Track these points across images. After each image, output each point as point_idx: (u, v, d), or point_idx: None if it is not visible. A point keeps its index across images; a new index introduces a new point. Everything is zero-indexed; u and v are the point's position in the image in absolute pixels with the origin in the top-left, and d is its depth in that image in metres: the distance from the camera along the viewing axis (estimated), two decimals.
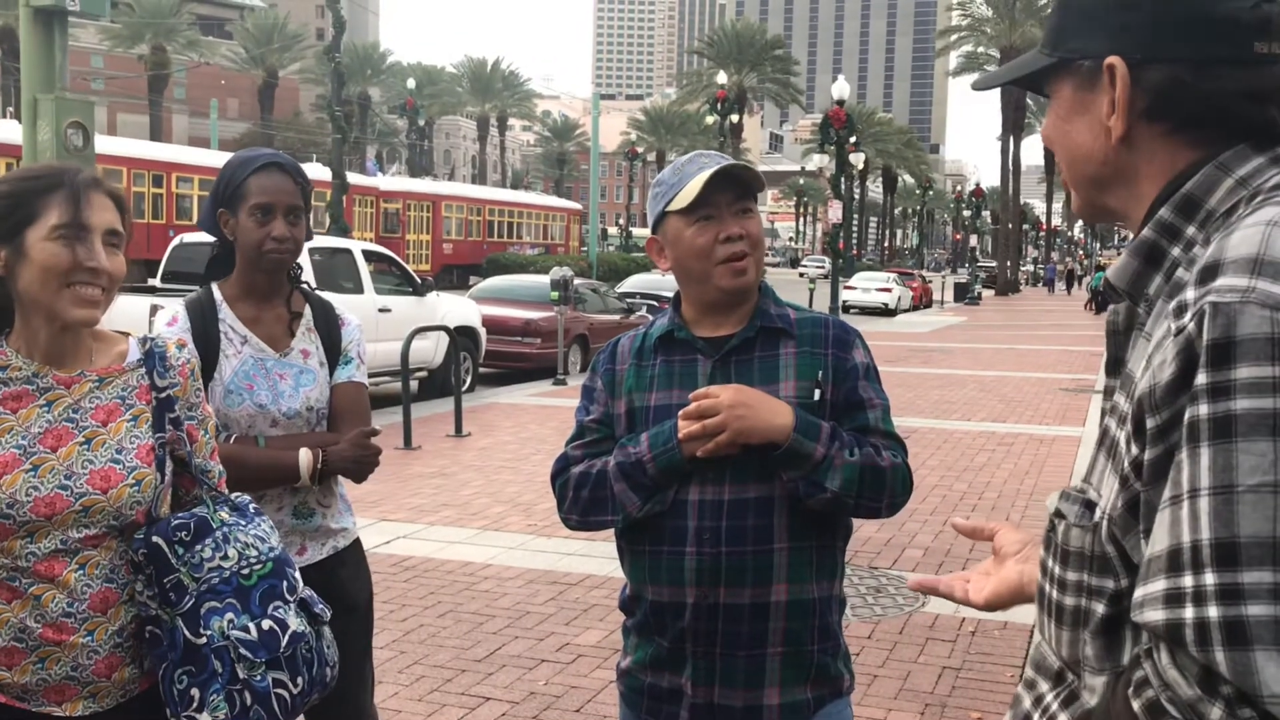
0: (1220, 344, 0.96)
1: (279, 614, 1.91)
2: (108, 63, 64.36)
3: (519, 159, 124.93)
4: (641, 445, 1.96)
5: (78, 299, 1.78)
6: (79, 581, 1.80)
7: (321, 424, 2.53)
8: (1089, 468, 1.18)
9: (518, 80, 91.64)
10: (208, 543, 1.88)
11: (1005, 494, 7.98)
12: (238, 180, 2.46)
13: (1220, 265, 1.00)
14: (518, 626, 5.05)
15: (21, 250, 1.77)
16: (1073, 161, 1.23)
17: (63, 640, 1.79)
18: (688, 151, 16.07)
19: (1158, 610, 0.96)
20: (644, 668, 2.04)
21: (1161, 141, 1.14)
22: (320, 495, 2.56)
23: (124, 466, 1.84)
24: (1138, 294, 1.14)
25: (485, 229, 45.49)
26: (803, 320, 2.07)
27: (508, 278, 18.74)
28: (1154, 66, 1.12)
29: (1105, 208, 1.24)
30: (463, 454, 9.26)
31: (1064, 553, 1.15)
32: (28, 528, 1.77)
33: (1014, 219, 58.13)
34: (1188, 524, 0.95)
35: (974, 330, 27.87)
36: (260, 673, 1.85)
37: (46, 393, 1.84)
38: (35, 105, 6.88)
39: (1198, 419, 0.96)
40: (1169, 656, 0.96)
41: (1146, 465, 1.03)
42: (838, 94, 27.65)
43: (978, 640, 4.96)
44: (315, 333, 2.57)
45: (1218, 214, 1.10)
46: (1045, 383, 15.39)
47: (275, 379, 2.48)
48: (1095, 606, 1.11)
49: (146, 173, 30.15)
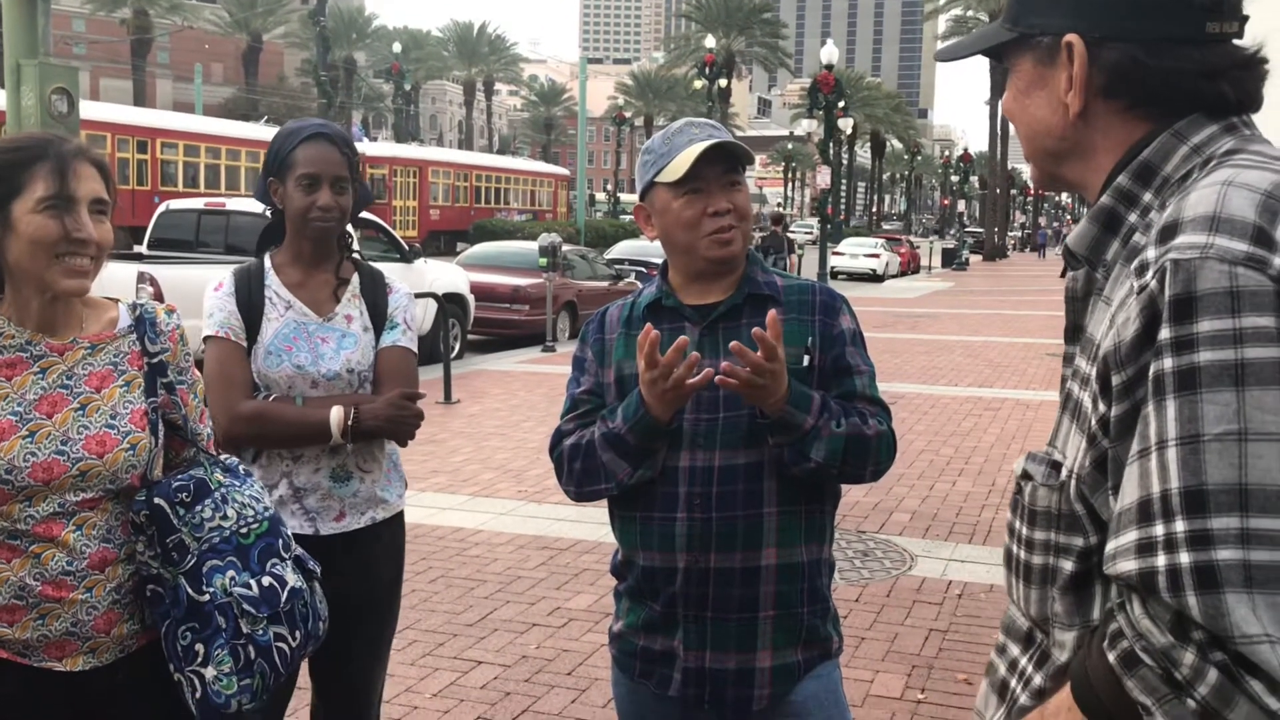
0: (1182, 299, 0.99)
1: (277, 570, 1.97)
2: (89, 27, 63.59)
3: (506, 124, 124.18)
4: (617, 418, 1.98)
5: (67, 270, 1.80)
6: (77, 541, 1.83)
7: (364, 387, 2.55)
8: (1054, 430, 1.22)
9: (504, 44, 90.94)
10: (207, 503, 1.92)
11: (991, 458, 8.04)
12: (285, 150, 2.52)
13: (1179, 224, 1.03)
14: (509, 591, 5.09)
15: (9, 223, 1.79)
16: (1031, 135, 1.25)
17: (62, 597, 1.83)
18: (676, 117, 15.95)
19: (1130, 560, 0.99)
20: (636, 631, 2.07)
21: (1117, 117, 1.17)
22: (360, 459, 2.55)
23: (119, 431, 1.87)
24: (1096, 259, 1.17)
25: (472, 195, 45.26)
26: (790, 287, 2.08)
27: (496, 244, 18.68)
28: (1111, 45, 1.15)
29: (1062, 178, 1.26)
30: (452, 421, 9.28)
31: (1031, 513, 1.18)
32: (26, 492, 1.80)
33: (1002, 184, 58.09)
34: (1156, 474, 0.98)
35: (961, 296, 27.92)
36: (262, 627, 1.91)
37: (40, 360, 1.86)
38: (19, 71, 6.81)
39: (1162, 372, 0.99)
40: (1141, 606, 0.99)
41: (1113, 421, 1.06)
42: (826, 58, 27.50)
43: (964, 603, 5.02)
44: (361, 299, 2.60)
45: (1173, 180, 1.13)
46: (1032, 348, 15.46)
47: (317, 341, 2.51)
48: (1063, 564, 1.14)
49: (131, 139, 29.87)
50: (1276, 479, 0.94)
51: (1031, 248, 73.62)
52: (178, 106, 59.15)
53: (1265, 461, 0.94)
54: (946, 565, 5.57)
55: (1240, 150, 1.11)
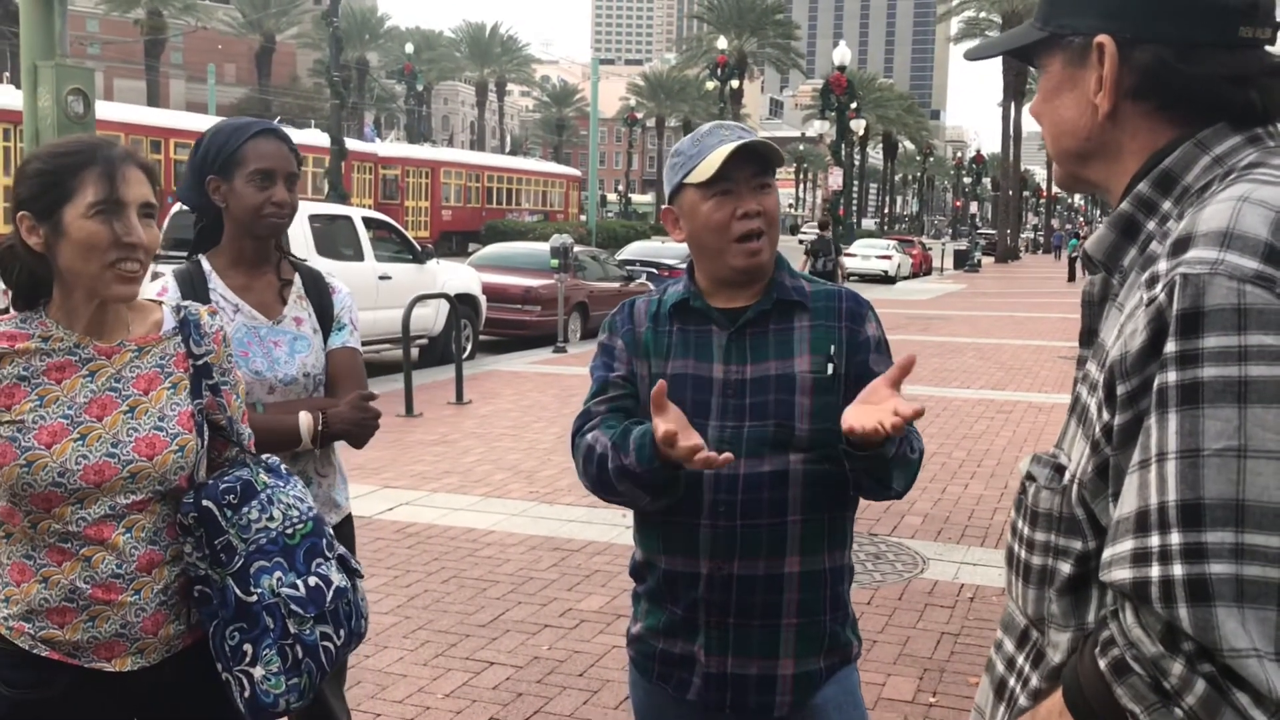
0: (1189, 314, 0.99)
1: (322, 570, 1.99)
2: (103, 27, 63.85)
3: (518, 125, 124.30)
4: (630, 457, 1.88)
5: (119, 276, 1.82)
6: (126, 544, 1.85)
7: (318, 390, 2.55)
8: (1061, 433, 1.23)
9: (516, 45, 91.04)
10: (254, 504, 1.94)
11: (1004, 461, 8.03)
12: (232, 146, 2.45)
13: (1192, 238, 1.04)
14: (521, 592, 5.10)
15: (60, 228, 1.80)
16: (1058, 135, 1.25)
17: (111, 599, 1.85)
18: (688, 118, 15.91)
19: (1125, 569, 1.00)
20: (655, 634, 2.06)
21: (1145, 119, 1.17)
22: (319, 464, 2.57)
23: (167, 433, 1.89)
24: (1113, 265, 1.17)
25: (484, 195, 45.33)
26: (817, 293, 2.06)
27: (507, 245, 18.69)
28: (1142, 46, 1.15)
29: (1086, 180, 1.27)
30: (464, 421, 9.30)
31: (1033, 514, 1.19)
32: (77, 495, 1.82)
33: (1014, 186, 57.94)
34: (1155, 486, 0.99)
35: (973, 298, 27.86)
36: (309, 627, 1.93)
37: (89, 363, 1.88)
38: (35, 72, 6.85)
39: (1166, 385, 1.00)
40: (1134, 615, 1.00)
41: (1116, 430, 1.06)
42: (839, 59, 27.49)
43: (976, 606, 5.02)
44: (306, 300, 2.58)
45: (1193, 190, 1.13)
46: (1044, 350, 15.42)
47: (270, 346, 2.49)
48: (1061, 566, 1.15)
49: (144, 139, 29.92)
50: (1273, 496, 0.95)
51: (1045, 249, 73.40)
52: (191, 107, 59.37)
53: (1263, 479, 0.95)
54: (959, 568, 5.56)
55: (1262, 164, 1.11)
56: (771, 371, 1.97)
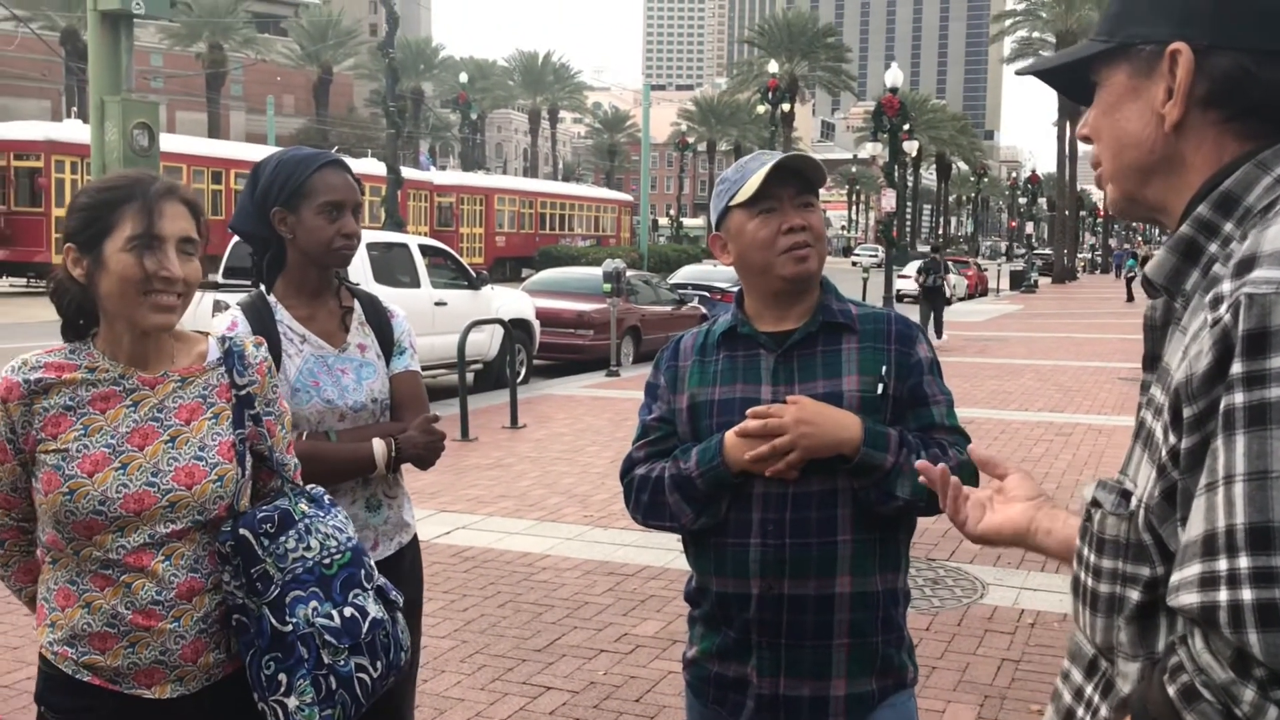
0: (1255, 334, 0.98)
1: (359, 601, 1.99)
2: (166, 61, 65.37)
3: (570, 151, 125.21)
4: (690, 460, 1.99)
5: (155, 306, 1.85)
6: (166, 571, 1.88)
7: (385, 415, 2.58)
8: (1126, 458, 1.20)
9: (568, 73, 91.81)
10: (291, 534, 1.96)
11: (1064, 485, 7.91)
12: (299, 178, 2.46)
13: (1256, 258, 1.02)
14: (576, 617, 5.10)
15: (101, 261, 1.85)
16: (1120, 149, 1.23)
17: (151, 626, 1.88)
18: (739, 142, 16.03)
19: (1193, 594, 0.98)
20: (710, 657, 2.07)
21: (1212, 130, 1.15)
22: (388, 486, 2.60)
23: (207, 463, 1.92)
24: (1175, 289, 1.15)
25: (537, 221, 45.70)
26: (865, 316, 2.08)
27: (561, 270, 18.81)
28: (1220, 54, 1.13)
29: (1144, 200, 1.24)
30: (519, 445, 9.35)
31: (1099, 541, 1.17)
32: (118, 523, 1.86)
33: (1070, 205, 57.25)
34: (1223, 509, 0.97)
35: (1030, 319, 27.52)
36: (344, 658, 1.93)
37: (132, 393, 1.92)
38: (103, 107, 7.04)
39: (1233, 407, 0.98)
40: (1203, 641, 0.98)
41: (1183, 453, 1.05)
42: (890, 81, 27.37)
43: (1037, 632, 4.94)
44: (368, 326, 2.62)
45: (1255, 210, 1.11)
46: (1103, 372, 15.19)
47: (338, 374, 2.52)
48: (1130, 593, 1.13)
49: (206, 170, 30.66)
50: None
51: (1103, 269, 72.33)
52: (250, 138, 60.54)
53: None
54: (1019, 594, 5.48)
55: None
56: (819, 390, 1.99)
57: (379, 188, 29.28)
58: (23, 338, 2.16)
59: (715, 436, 1.99)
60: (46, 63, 48.08)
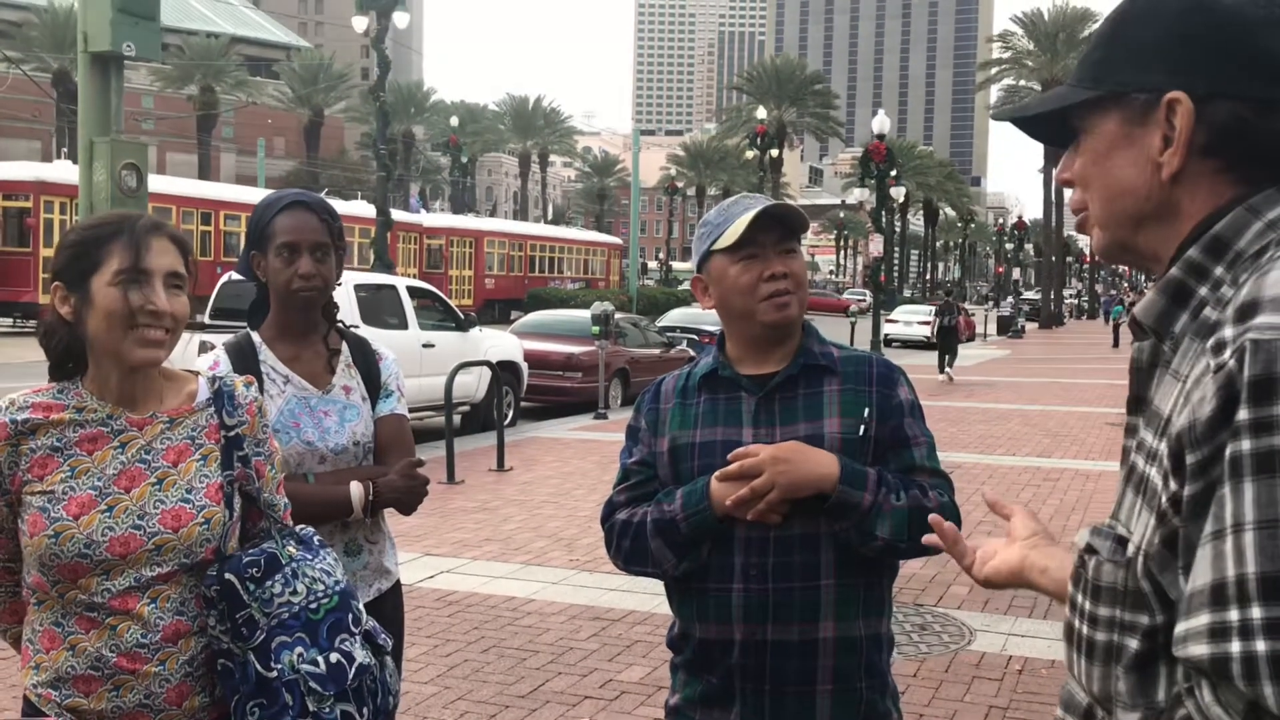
0: (1262, 380, 0.97)
1: (345, 646, 1.96)
2: (158, 103, 65.58)
3: (560, 194, 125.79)
4: (675, 503, 1.98)
5: (141, 340, 1.84)
6: (152, 614, 1.86)
7: (368, 458, 2.56)
8: (1116, 504, 1.19)
9: (559, 117, 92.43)
10: (278, 578, 1.93)
11: (1052, 528, 7.84)
12: (265, 221, 2.49)
13: (1259, 303, 1.01)
14: (561, 663, 5.05)
15: (88, 297, 1.84)
16: (1111, 198, 1.21)
17: (136, 669, 1.85)
18: (727, 186, 16.20)
19: (1202, 645, 0.96)
20: (693, 705, 2.05)
21: (1208, 178, 1.14)
22: (369, 531, 2.57)
23: (194, 505, 1.89)
24: (1164, 331, 1.14)
25: (527, 264, 45.80)
26: (846, 358, 2.08)
27: (549, 313, 18.85)
28: (1218, 103, 1.12)
29: (1135, 247, 1.23)
30: (505, 488, 9.30)
31: (1095, 588, 1.15)
32: (103, 566, 1.83)
33: (1057, 251, 57.71)
34: (1232, 558, 0.96)
35: (1017, 364, 27.60)
36: (329, 705, 1.90)
37: (120, 434, 1.90)
38: (91, 148, 7.04)
39: (1240, 454, 0.97)
40: (1211, 693, 0.96)
41: (1186, 501, 1.03)
42: (878, 128, 27.64)
43: (1025, 679, 4.90)
44: (354, 369, 2.60)
45: (1246, 255, 1.11)
46: (1090, 417, 15.22)
47: (320, 416, 2.51)
48: (1128, 642, 1.11)
49: (195, 211, 30.69)
50: None
51: (1089, 315, 72.67)
52: (241, 179, 60.63)
53: None
54: (1006, 640, 5.45)
55: None
56: (801, 433, 1.98)
57: (369, 229, 29.31)
58: (9, 378, 2.15)
59: (700, 480, 1.97)
60: (37, 104, 48.23)
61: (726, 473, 1.93)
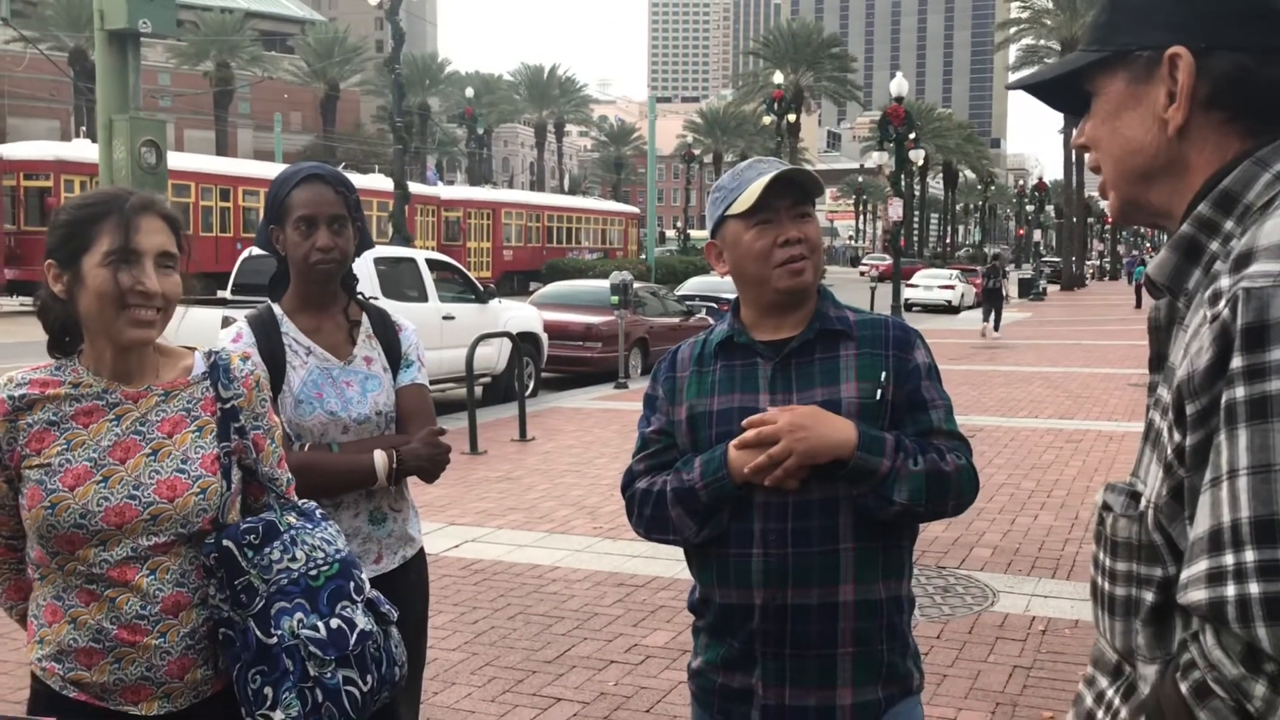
0: (1254, 327, 0.98)
1: (346, 613, 1.96)
2: (174, 80, 65.73)
3: (576, 164, 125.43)
4: (694, 472, 1.98)
5: (132, 320, 1.85)
6: (151, 585, 1.87)
7: (390, 428, 2.59)
8: (1136, 460, 1.20)
9: (574, 86, 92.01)
10: (276, 545, 1.94)
11: (1074, 491, 7.88)
12: (282, 195, 2.51)
13: (1253, 253, 1.02)
14: (586, 628, 5.10)
15: (80, 277, 1.86)
16: (1121, 157, 1.23)
17: (137, 641, 1.86)
18: (744, 152, 16.10)
19: (1200, 590, 0.98)
20: (715, 668, 2.06)
21: (1215, 130, 1.15)
22: (393, 499, 2.60)
23: (189, 476, 1.91)
24: (1178, 289, 1.15)
25: (544, 235, 45.77)
26: (862, 322, 2.07)
27: (568, 283, 18.84)
28: (1218, 55, 1.13)
29: (1147, 204, 1.24)
30: (527, 458, 9.35)
31: (1113, 544, 1.17)
32: (99, 536, 1.85)
33: (1078, 213, 57.21)
34: (1227, 504, 0.97)
35: (1039, 326, 27.46)
36: (330, 670, 1.90)
37: (115, 407, 1.91)
38: (111, 126, 7.09)
39: (1234, 401, 0.98)
40: (1214, 637, 0.98)
41: (1188, 451, 1.05)
42: (896, 91, 27.40)
43: (1048, 639, 4.92)
44: (375, 339, 2.63)
45: (1255, 208, 1.11)
46: (1113, 378, 15.15)
47: (342, 386, 2.53)
48: (1145, 595, 1.13)
49: (214, 187, 30.77)
50: None
51: (1111, 276, 72.11)
52: (258, 155, 60.79)
53: None
54: (1029, 600, 5.46)
55: None
56: (818, 398, 1.98)
57: (386, 203, 29.37)
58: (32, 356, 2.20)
59: (719, 448, 1.97)
60: (55, 83, 48.36)
61: (744, 440, 1.93)
